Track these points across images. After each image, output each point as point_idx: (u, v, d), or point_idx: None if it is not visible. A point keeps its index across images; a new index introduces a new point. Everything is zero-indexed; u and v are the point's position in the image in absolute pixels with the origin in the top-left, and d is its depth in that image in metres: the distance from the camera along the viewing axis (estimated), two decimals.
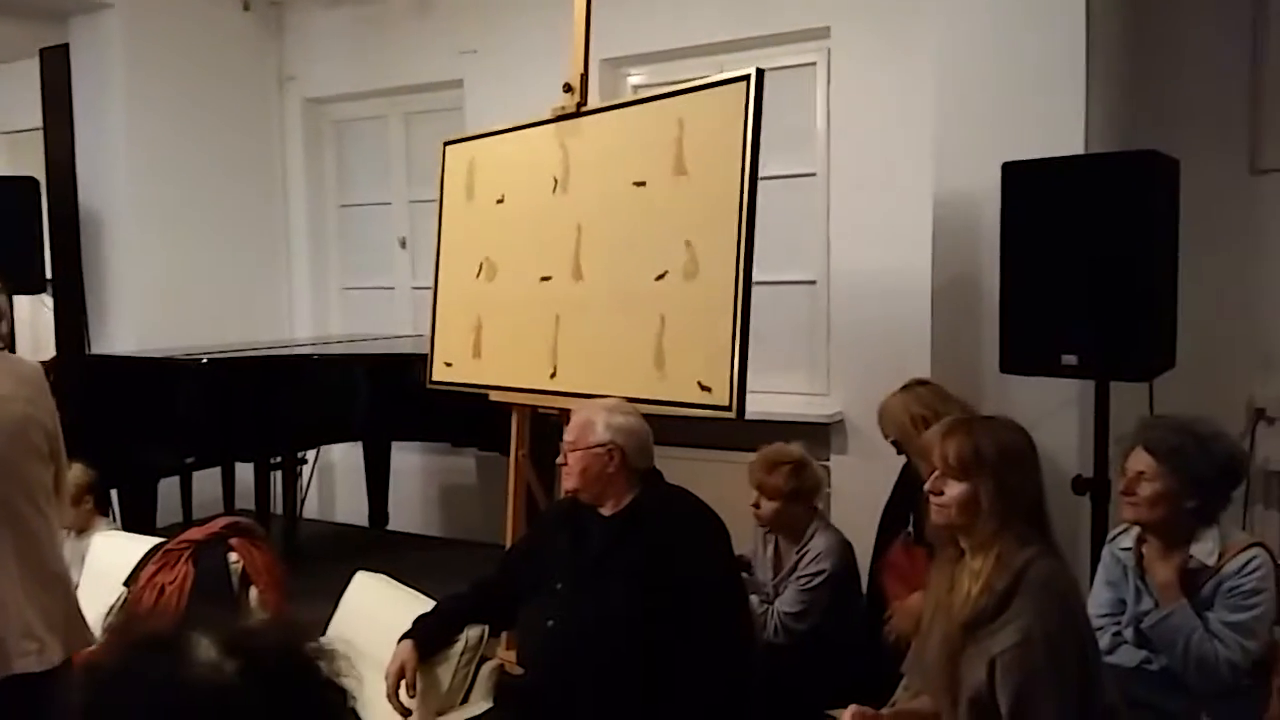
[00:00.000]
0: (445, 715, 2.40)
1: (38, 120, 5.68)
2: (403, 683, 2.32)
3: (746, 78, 2.67)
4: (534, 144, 3.36)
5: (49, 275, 5.35)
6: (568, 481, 2.46)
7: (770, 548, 3.03)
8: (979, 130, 3.24)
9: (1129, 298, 2.66)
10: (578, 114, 3.20)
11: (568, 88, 3.19)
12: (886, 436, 3.07)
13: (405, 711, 2.32)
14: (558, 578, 2.38)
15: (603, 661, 2.24)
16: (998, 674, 1.77)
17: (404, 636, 2.39)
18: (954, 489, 1.85)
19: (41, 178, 5.33)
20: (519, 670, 2.53)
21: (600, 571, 2.33)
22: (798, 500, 2.93)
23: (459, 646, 2.44)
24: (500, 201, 3.51)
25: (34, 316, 5.71)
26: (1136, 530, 2.33)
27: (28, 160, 5.87)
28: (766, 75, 2.70)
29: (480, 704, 2.45)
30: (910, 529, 2.92)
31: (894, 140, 4.04)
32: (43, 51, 5.50)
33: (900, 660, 2.29)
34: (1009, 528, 1.82)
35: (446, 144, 3.78)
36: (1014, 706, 1.75)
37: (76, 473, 3.22)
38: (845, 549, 2.95)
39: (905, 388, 3.05)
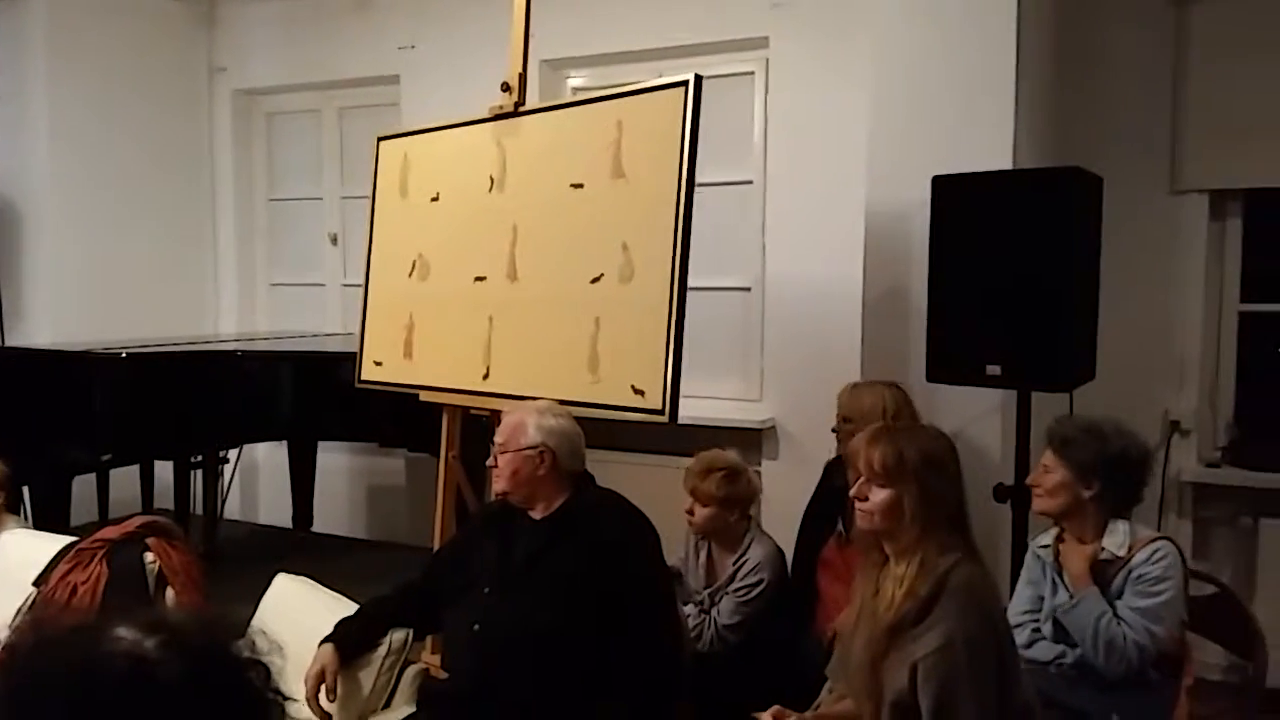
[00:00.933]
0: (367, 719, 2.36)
1: None
2: (323, 687, 2.27)
3: (685, 83, 2.68)
4: (470, 142, 3.32)
5: None
6: (497, 484, 2.43)
7: (703, 555, 3.03)
8: (910, 144, 3.30)
9: (1051, 310, 2.73)
10: (515, 114, 3.18)
11: (506, 87, 3.17)
12: (845, 419, 3.08)
13: (325, 716, 2.27)
14: (485, 581, 2.36)
15: (528, 666, 2.22)
16: (919, 678, 1.79)
17: (325, 640, 2.34)
18: (878, 495, 1.88)
19: None
20: (445, 675, 2.49)
21: (528, 575, 2.31)
22: (731, 507, 2.93)
23: (382, 650, 2.40)
24: (435, 199, 3.47)
25: None
26: (1055, 530, 2.44)
27: None
28: (706, 82, 2.71)
29: (403, 708, 2.41)
30: (841, 528, 2.97)
31: (829, 150, 4.10)
32: None
33: (825, 663, 2.32)
34: (931, 534, 1.85)
35: (381, 139, 3.72)
36: (935, 709, 1.77)
37: None
38: (780, 558, 2.97)
39: (881, 383, 3.08)
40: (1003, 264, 2.79)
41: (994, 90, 3.17)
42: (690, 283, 2.72)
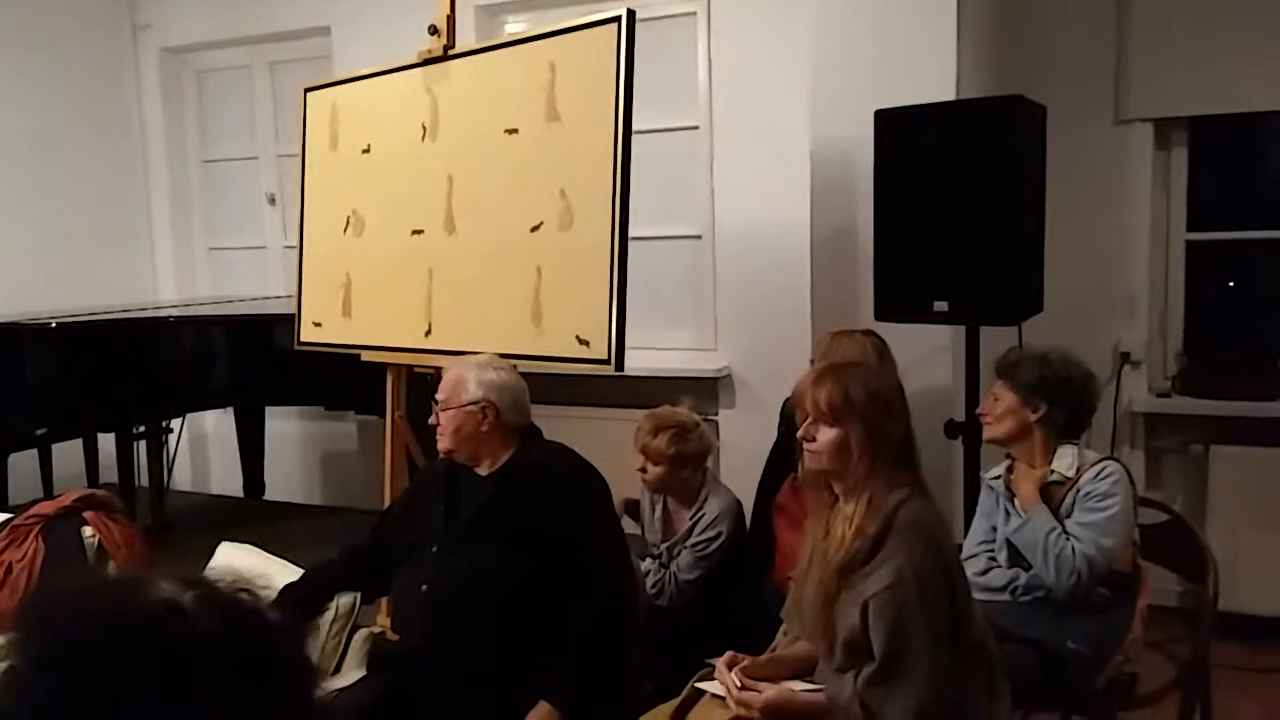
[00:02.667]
0: None
1: None
2: None
3: (618, 19, 2.59)
4: (400, 90, 3.20)
5: None
6: (441, 442, 2.37)
7: (659, 509, 3.00)
8: (853, 79, 3.24)
9: (997, 243, 2.70)
10: (445, 58, 3.06)
11: (433, 30, 3.05)
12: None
13: None
14: (432, 540, 2.31)
15: (478, 624, 2.18)
16: (871, 615, 1.78)
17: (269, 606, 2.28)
18: (825, 434, 1.86)
19: None
20: (396, 637, 2.44)
21: (475, 532, 2.26)
22: (684, 465, 2.89)
23: (329, 616, 2.37)
24: (366, 151, 3.35)
25: None
26: (1006, 462, 2.48)
27: None
28: (648, 25, 2.62)
29: (354, 673, 2.38)
30: (798, 473, 2.93)
31: (775, 91, 4.01)
32: None
33: (780, 607, 2.30)
34: (879, 471, 1.83)
35: (307, 91, 3.58)
36: (887, 646, 1.76)
37: None
38: (737, 508, 2.95)
39: (861, 332, 2.97)
40: (947, 198, 2.75)
41: (935, 21, 3.11)
42: (639, 232, 2.67)
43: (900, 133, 2.84)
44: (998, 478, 2.48)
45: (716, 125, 4.26)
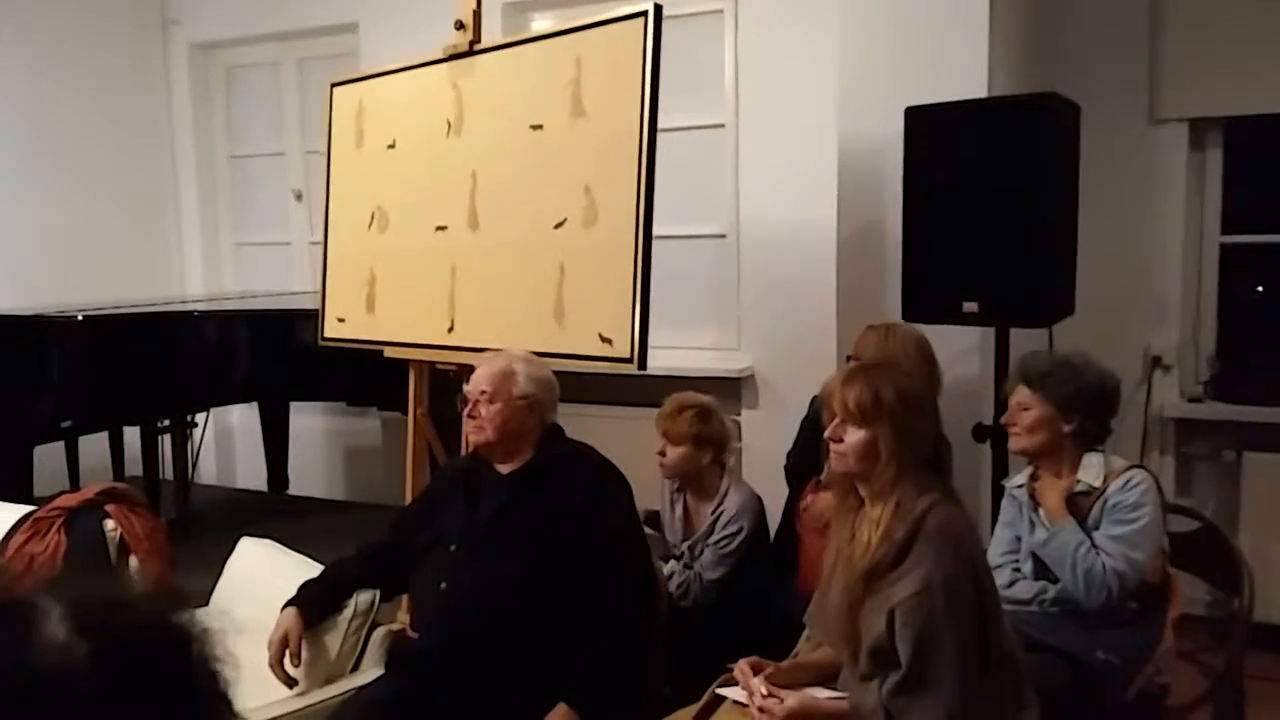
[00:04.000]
0: (334, 683, 2.30)
1: None
2: (287, 651, 2.21)
3: (644, 13, 2.56)
4: (426, 85, 3.19)
5: None
6: (480, 434, 2.31)
7: (679, 508, 2.97)
8: (882, 75, 3.20)
9: (1029, 244, 2.65)
10: (470, 53, 3.04)
11: (460, 25, 3.03)
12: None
13: (290, 681, 2.21)
14: (451, 539, 2.29)
15: (496, 623, 2.16)
16: (897, 623, 1.74)
17: (288, 603, 2.28)
18: (853, 436, 1.82)
19: None
20: (415, 635, 2.43)
21: (495, 531, 2.24)
22: (704, 447, 2.86)
23: (348, 613, 2.34)
24: (391, 147, 3.34)
25: None
26: (1029, 470, 2.40)
27: None
28: (674, 23, 2.59)
29: (372, 671, 2.35)
30: (822, 476, 2.89)
31: (802, 89, 3.97)
32: None
33: (804, 611, 2.26)
34: (907, 475, 1.79)
35: (334, 86, 3.58)
36: (914, 655, 1.72)
37: None
38: (758, 504, 2.91)
39: (905, 326, 2.90)
40: (978, 197, 2.70)
41: (966, 16, 3.06)
42: (664, 231, 2.64)
43: (930, 130, 2.80)
44: (1021, 487, 2.41)
45: (743, 123, 4.23)
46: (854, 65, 3.29)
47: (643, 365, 2.62)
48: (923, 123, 2.81)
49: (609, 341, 2.67)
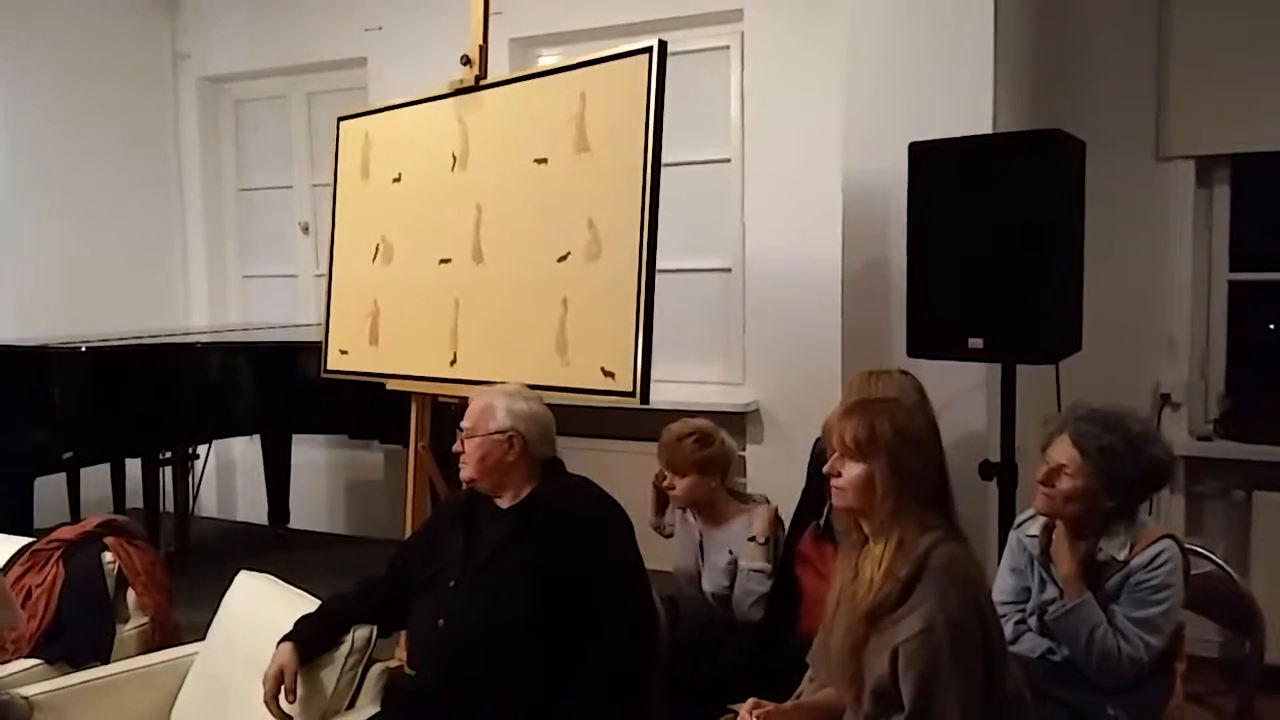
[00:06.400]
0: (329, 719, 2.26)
1: None
2: (283, 688, 2.18)
3: (649, 50, 2.57)
4: (432, 120, 3.21)
5: None
6: (464, 470, 2.33)
7: (692, 533, 2.91)
8: (886, 111, 3.21)
9: (1034, 280, 2.63)
10: (476, 88, 3.06)
11: (466, 60, 3.05)
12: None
13: (285, 718, 2.17)
14: (450, 574, 2.26)
15: (495, 661, 2.12)
16: (900, 664, 1.72)
17: (284, 639, 2.24)
18: (851, 470, 1.81)
19: None
20: (413, 672, 2.39)
21: (495, 567, 2.21)
22: (711, 472, 2.82)
23: (344, 649, 2.30)
24: (397, 180, 3.36)
25: None
26: (1044, 519, 2.25)
27: None
28: (680, 59, 2.61)
29: (368, 708, 2.31)
30: (821, 521, 2.85)
31: (807, 124, 4.00)
32: None
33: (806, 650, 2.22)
34: (908, 511, 1.77)
35: (340, 120, 3.60)
36: (917, 697, 1.69)
37: None
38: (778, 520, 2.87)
39: (900, 372, 2.82)
40: (983, 233, 2.69)
41: (972, 52, 3.07)
42: (669, 265, 2.64)
43: (935, 166, 2.79)
44: (1034, 537, 2.26)
45: (748, 158, 4.25)
46: (859, 100, 3.30)
47: (645, 400, 2.60)
48: (927, 159, 2.81)
49: (611, 375, 2.66)
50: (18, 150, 5.13)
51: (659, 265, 2.63)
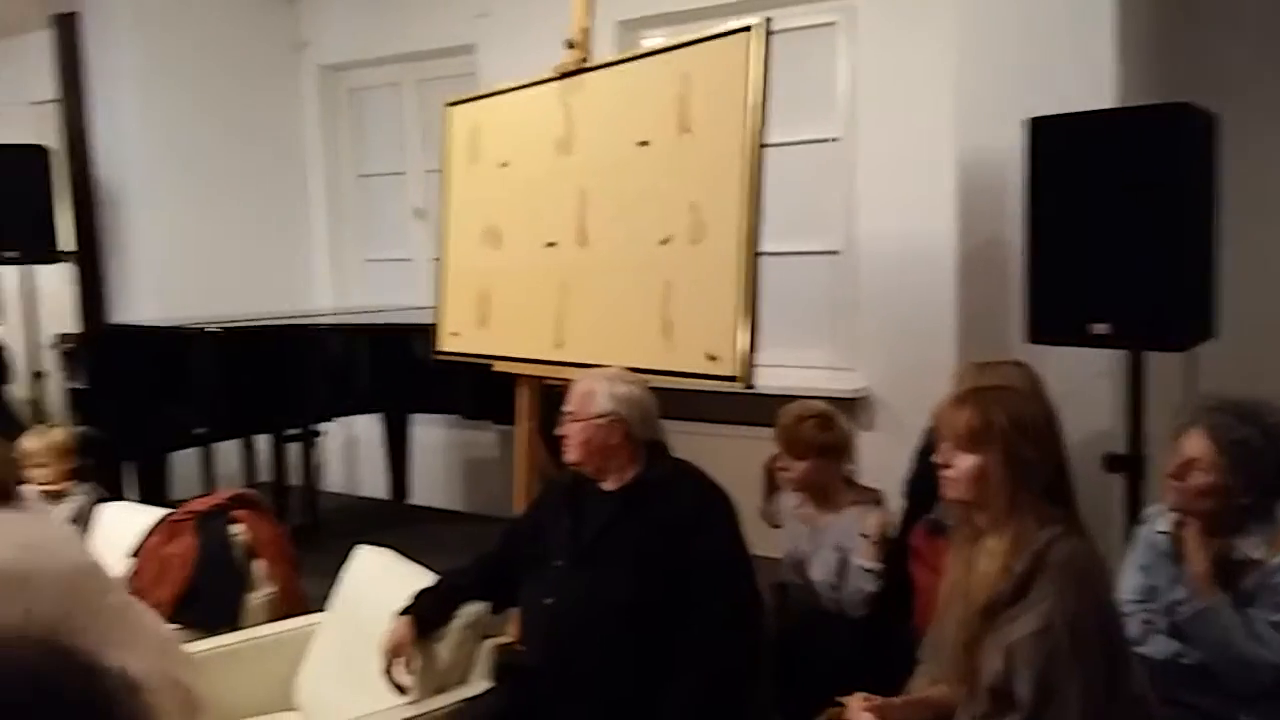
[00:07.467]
0: (444, 693, 2.33)
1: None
2: (399, 659, 2.25)
3: (753, 28, 2.53)
4: (537, 104, 3.24)
5: (73, 246, 5.35)
6: (569, 454, 2.36)
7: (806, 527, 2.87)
8: (1002, 85, 3.08)
9: (1163, 261, 2.49)
10: (580, 71, 3.07)
11: (570, 44, 3.06)
12: None
13: (402, 689, 2.25)
14: (556, 554, 2.29)
15: (601, 641, 2.15)
16: (1017, 662, 1.66)
17: (402, 612, 2.32)
18: (963, 461, 1.75)
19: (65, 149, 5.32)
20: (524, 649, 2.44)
21: (599, 550, 2.23)
22: (827, 456, 2.76)
23: (458, 624, 2.36)
24: (504, 165, 3.41)
25: (59, 287, 5.69)
26: (1175, 515, 2.14)
27: (52, 132, 5.83)
28: (785, 36, 2.55)
29: (481, 683, 2.37)
30: (934, 515, 2.77)
31: (919, 100, 3.87)
32: (52, 18, 5.44)
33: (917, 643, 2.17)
34: (1025, 504, 1.70)
35: (449, 105, 3.67)
36: (1035, 697, 1.63)
37: (60, 434, 3.22)
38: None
39: (1011, 362, 2.75)
40: (1107, 212, 2.55)
41: (1091, 22, 2.92)
42: (775, 247, 2.60)
43: (1054, 142, 2.66)
44: (1164, 533, 2.15)
45: (858, 137, 4.15)
46: (972, 74, 3.18)
47: (749, 384, 2.58)
48: (1046, 134, 2.67)
49: (715, 359, 2.64)
50: (157, 141, 5.40)
51: (764, 248, 2.60)
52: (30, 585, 1.60)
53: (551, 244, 3.18)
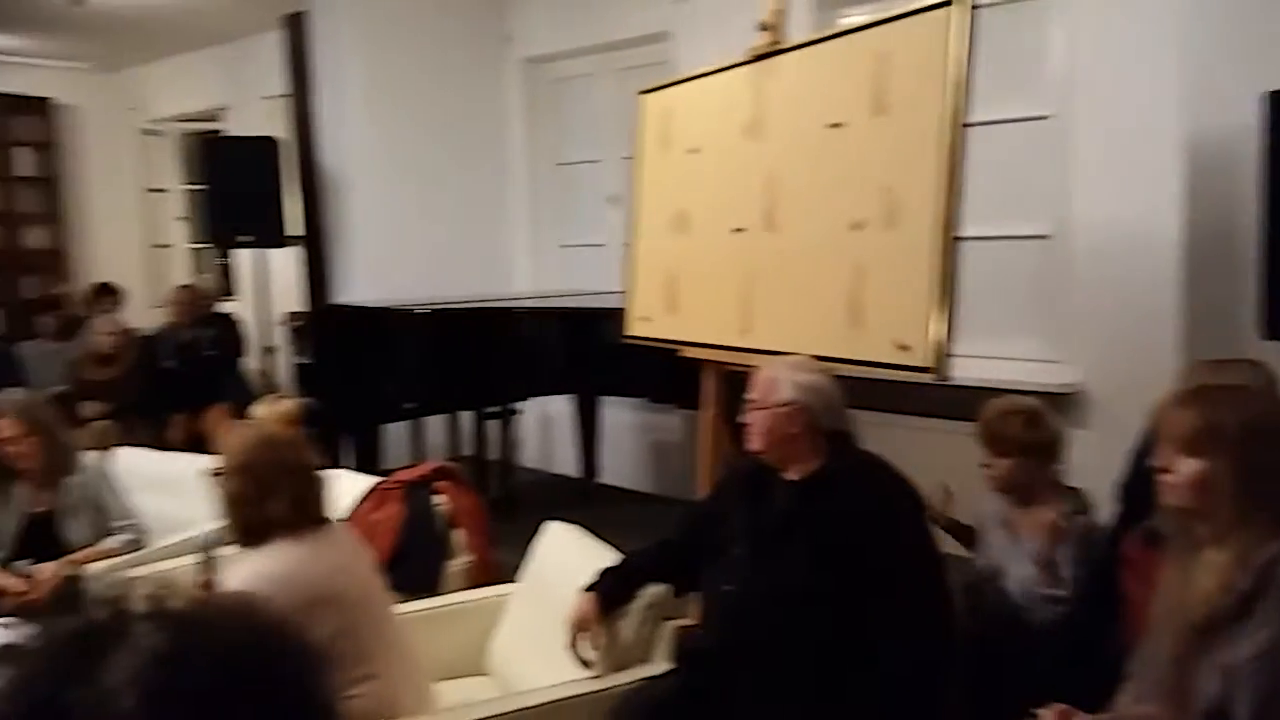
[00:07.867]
0: (625, 671, 2.38)
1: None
2: (584, 634, 2.31)
3: (954, 2, 2.40)
4: (728, 89, 3.23)
5: (301, 231, 5.80)
6: (751, 441, 2.34)
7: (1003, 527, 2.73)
8: (1236, 57, 2.81)
9: None
10: (772, 53, 3.03)
11: (764, 26, 3.03)
12: None
13: (586, 663, 2.31)
14: (738, 542, 2.28)
15: (779, 630, 2.13)
16: (1237, 686, 1.52)
17: (587, 588, 2.38)
18: (1186, 467, 1.61)
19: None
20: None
21: (782, 539, 2.21)
22: (1034, 455, 2.61)
23: (640, 604, 2.41)
24: (695, 150, 3.42)
25: (288, 268, 6.18)
26: None
27: (282, 124, 6.34)
28: (991, 10, 2.41)
29: (661, 664, 2.41)
30: (1150, 522, 2.56)
31: (1141, 74, 3.56)
32: (283, 18, 5.90)
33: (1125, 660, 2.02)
34: (1253, 516, 1.56)
35: (642, 93, 3.71)
36: None
37: (288, 404, 3.47)
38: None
39: (1245, 361, 2.49)
40: None
41: None
42: (976, 231, 2.47)
43: None
44: None
45: (1073, 115, 3.87)
46: (1202, 46, 2.91)
47: (943, 376, 2.47)
48: None
49: (907, 349, 2.55)
50: (376, 132, 5.76)
51: (965, 232, 2.47)
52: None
53: (739, 229, 3.16)
